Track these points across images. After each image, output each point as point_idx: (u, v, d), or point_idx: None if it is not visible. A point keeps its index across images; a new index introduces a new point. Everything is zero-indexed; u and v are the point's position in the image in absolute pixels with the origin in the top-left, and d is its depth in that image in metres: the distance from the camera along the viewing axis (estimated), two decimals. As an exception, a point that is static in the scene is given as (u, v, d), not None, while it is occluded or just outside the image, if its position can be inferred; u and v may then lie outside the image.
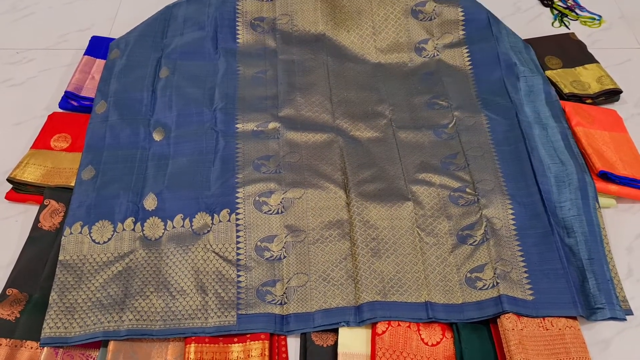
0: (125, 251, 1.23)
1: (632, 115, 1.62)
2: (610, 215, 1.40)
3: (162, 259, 1.23)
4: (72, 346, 1.11)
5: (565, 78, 1.66)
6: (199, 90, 1.54)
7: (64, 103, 1.58)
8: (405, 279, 1.20)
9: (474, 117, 1.50)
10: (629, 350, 1.17)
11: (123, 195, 1.32)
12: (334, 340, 1.15)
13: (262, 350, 1.12)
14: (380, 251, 1.24)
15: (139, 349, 1.12)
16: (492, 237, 1.25)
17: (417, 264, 1.22)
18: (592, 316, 1.18)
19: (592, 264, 1.24)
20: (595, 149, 1.43)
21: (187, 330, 1.14)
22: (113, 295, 1.17)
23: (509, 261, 1.22)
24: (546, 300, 1.17)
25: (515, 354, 1.08)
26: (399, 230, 1.27)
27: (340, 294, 1.19)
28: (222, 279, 1.20)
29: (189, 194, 1.33)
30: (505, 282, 1.18)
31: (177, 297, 1.18)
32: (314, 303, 1.18)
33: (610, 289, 1.21)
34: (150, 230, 1.27)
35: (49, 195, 1.33)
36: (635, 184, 1.38)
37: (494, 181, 1.36)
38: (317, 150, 1.42)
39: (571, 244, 1.27)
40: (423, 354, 1.12)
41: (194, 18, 1.69)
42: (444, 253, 1.25)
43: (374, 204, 1.30)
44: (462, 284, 1.20)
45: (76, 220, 1.27)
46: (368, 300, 1.16)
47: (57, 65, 1.75)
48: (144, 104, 1.50)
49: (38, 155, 1.42)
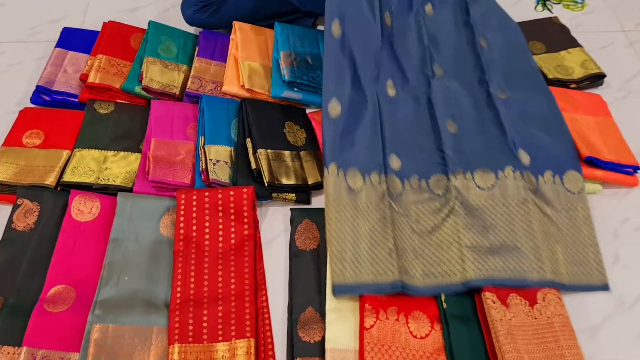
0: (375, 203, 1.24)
1: (616, 99, 1.62)
2: (596, 200, 1.39)
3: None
4: (52, 350, 1.08)
5: (549, 63, 1.65)
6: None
7: (36, 98, 1.53)
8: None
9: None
10: (617, 336, 1.17)
11: (369, 145, 1.30)
12: (321, 336, 1.13)
13: (247, 348, 1.10)
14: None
15: (121, 351, 1.09)
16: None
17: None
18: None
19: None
20: (581, 134, 1.42)
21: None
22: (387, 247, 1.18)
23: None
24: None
25: (504, 344, 1.07)
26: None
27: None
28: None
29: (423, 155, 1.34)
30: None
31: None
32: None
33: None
34: (392, 188, 1.27)
35: (22, 195, 1.29)
36: (620, 168, 1.38)
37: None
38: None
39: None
40: (412, 347, 1.11)
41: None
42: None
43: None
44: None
45: (331, 160, 1.25)
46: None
47: (28, 59, 1.69)
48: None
49: (9, 153, 1.38)
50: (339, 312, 1.15)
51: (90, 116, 1.47)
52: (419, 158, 1.34)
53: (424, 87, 1.46)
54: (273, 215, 1.36)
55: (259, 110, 1.47)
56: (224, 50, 1.64)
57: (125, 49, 1.63)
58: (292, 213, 1.33)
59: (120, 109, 1.50)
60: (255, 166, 1.35)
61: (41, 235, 1.24)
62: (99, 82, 1.50)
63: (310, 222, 1.30)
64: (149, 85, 1.51)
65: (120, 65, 1.57)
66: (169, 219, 1.28)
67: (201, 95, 1.50)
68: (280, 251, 1.30)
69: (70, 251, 1.22)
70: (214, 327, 1.13)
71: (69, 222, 1.25)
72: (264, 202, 1.38)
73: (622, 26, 1.86)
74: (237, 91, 1.53)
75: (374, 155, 1.30)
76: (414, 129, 1.38)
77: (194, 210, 1.26)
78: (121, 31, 1.67)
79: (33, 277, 1.18)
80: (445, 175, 1.31)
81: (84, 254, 1.22)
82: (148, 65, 1.55)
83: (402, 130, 1.37)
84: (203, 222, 1.25)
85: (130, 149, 1.42)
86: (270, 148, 1.39)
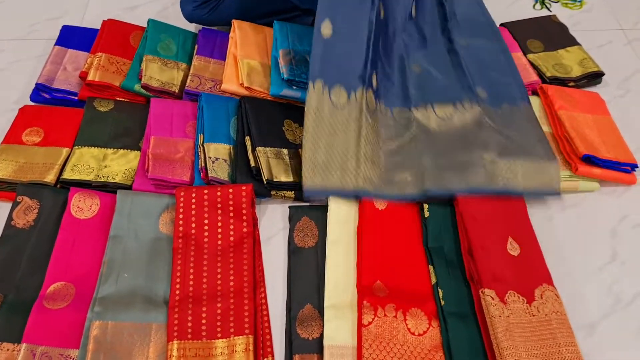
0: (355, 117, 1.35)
1: (614, 98, 1.62)
2: (594, 198, 1.40)
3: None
4: (51, 346, 1.08)
5: (547, 61, 1.65)
6: None
7: (36, 95, 1.53)
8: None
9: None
10: (615, 333, 1.18)
11: (356, 62, 1.38)
12: (319, 333, 1.14)
13: (246, 345, 1.10)
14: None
15: (120, 348, 1.10)
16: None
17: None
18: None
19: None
20: (579, 132, 1.42)
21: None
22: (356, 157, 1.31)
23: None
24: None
25: (502, 341, 1.07)
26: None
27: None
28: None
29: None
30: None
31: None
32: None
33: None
34: (370, 104, 1.39)
35: (22, 192, 1.29)
36: (618, 166, 1.38)
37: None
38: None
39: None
40: (410, 344, 1.11)
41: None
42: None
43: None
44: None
45: (316, 77, 1.35)
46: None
47: (28, 57, 1.69)
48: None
49: (9, 150, 1.38)
50: (337, 309, 1.15)
51: (89, 114, 1.47)
52: (388, 87, 1.47)
53: (402, 25, 1.58)
54: (272, 213, 1.37)
55: (258, 108, 1.47)
56: (223, 48, 1.64)
57: (125, 47, 1.63)
58: (290, 210, 1.33)
59: (120, 107, 1.51)
60: (254, 164, 1.35)
61: (41, 233, 1.24)
62: (98, 80, 1.50)
63: (308, 220, 1.31)
64: (148, 84, 1.51)
65: (120, 63, 1.58)
66: (168, 217, 1.29)
67: (200, 93, 1.50)
68: (278, 248, 1.30)
69: (70, 248, 1.22)
70: (212, 324, 1.13)
71: (69, 220, 1.26)
72: (262, 200, 1.38)
73: (621, 24, 1.86)
74: (236, 89, 1.53)
75: (360, 71, 1.39)
76: (387, 61, 1.51)
77: (193, 208, 1.26)
78: (121, 29, 1.67)
79: (33, 274, 1.18)
80: (408, 108, 1.45)
81: (83, 251, 1.22)
82: (147, 63, 1.55)
83: (382, 55, 1.49)
84: (202, 219, 1.25)
85: (130, 147, 1.42)
86: (269, 146, 1.40)
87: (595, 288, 1.25)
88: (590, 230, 1.35)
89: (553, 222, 1.36)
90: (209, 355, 1.10)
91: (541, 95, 1.56)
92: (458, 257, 1.25)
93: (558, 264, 1.25)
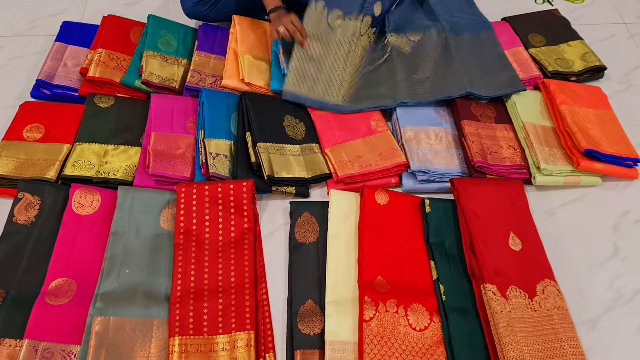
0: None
1: (616, 92, 1.62)
2: (595, 193, 1.39)
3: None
4: (53, 342, 1.08)
5: (549, 56, 1.65)
6: None
7: (36, 92, 1.53)
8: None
9: None
10: (616, 328, 1.18)
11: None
12: (320, 328, 1.14)
13: (247, 340, 1.10)
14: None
15: (122, 343, 1.10)
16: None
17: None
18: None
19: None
20: (581, 127, 1.42)
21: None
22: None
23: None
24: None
25: (504, 336, 1.07)
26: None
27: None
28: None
29: None
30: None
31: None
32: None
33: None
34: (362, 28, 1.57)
35: (23, 188, 1.29)
36: (620, 161, 1.37)
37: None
38: None
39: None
40: (411, 340, 1.11)
41: None
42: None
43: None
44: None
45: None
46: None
47: (28, 53, 1.69)
48: None
49: (10, 147, 1.38)
50: (339, 305, 1.15)
51: (90, 110, 1.47)
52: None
53: None
54: (273, 209, 1.36)
55: (258, 104, 1.47)
56: (224, 44, 1.64)
57: (125, 42, 1.62)
58: (291, 206, 1.33)
59: (121, 103, 1.50)
60: (254, 160, 1.35)
61: (42, 229, 1.24)
62: (98, 76, 1.50)
63: (309, 215, 1.31)
64: (148, 79, 1.51)
65: (120, 59, 1.57)
66: (169, 213, 1.29)
67: (201, 89, 1.50)
68: (279, 244, 1.30)
69: (71, 244, 1.22)
70: (214, 320, 1.13)
71: (70, 216, 1.26)
72: (263, 196, 1.38)
73: (623, 18, 1.85)
74: (237, 85, 1.53)
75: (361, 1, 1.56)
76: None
77: (194, 204, 1.26)
78: (121, 25, 1.66)
79: (34, 270, 1.19)
80: (384, 35, 1.63)
81: (84, 247, 1.22)
82: (147, 59, 1.55)
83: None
84: (203, 215, 1.25)
85: (131, 143, 1.42)
86: (269, 141, 1.39)
87: (597, 283, 1.24)
88: (591, 226, 1.34)
89: (555, 217, 1.36)
90: (211, 351, 1.10)
91: (543, 90, 1.55)
92: (459, 253, 1.25)
93: (560, 259, 1.25)
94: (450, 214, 1.31)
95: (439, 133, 1.48)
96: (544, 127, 1.46)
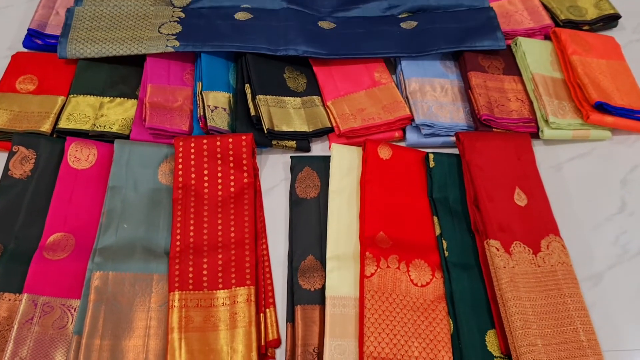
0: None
1: (630, 42, 1.56)
2: (604, 147, 1.36)
3: None
4: (53, 296, 1.08)
5: (562, 3, 1.58)
6: None
7: (28, 42, 1.48)
8: None
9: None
10: (620, 284, 1.17)
11: None
12: (321, 284, 1.13)
13: (248, 296, 1.10)
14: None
15: (122, 298, 1.09)
16: None
17: None
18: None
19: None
20: (592, 78, 1.37)
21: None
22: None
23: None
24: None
25: (507, 291, 1.06)
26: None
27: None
28: None
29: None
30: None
31: None
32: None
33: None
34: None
35: (17, 142, 1.26)
36: (632, 114, 1.33)
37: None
38: None
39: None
40: (412, 295, 1.10)
41: None
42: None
43: None
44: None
45: None
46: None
47: (19, 1, 1.63)
48: None
49: (3, 99, 1.34)
50: (340, 261, 1.14)
51: (84, 61, 1.42)
52: None
53: None
54: (273, 163, 1.34)
55: (258, 55, 1.42)
56: None
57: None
58: (292, 161, 1.30)
59: (116, 53, 1.45)
60: (254, 113, 1.32)
61: (38, 183, 1.22)
62: (92, 25, 1.45)
63: (310, 170, 1.28)
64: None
65: (114, 7, 1.51)
66: (167, 167, 1.26)
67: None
68: (280, 199, 1.28)
69: (68, 199, 1.20)
70: (214, 275, 1.13)
71: (66, 170, 1.23)
72: (263, 150, 1.35)
73: (640, -36, 1.77)
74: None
75: None
76: None
77: (192, 158, 1.23)
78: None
79: (32, 224, 1.17)
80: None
81: (82, 202, 1.21)
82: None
83: None
84: (202, 170, 1.23)
85: (127, 95, 1.38)
86: (270, 94, 1.35)
87: (602, 239, 1.23)
88: (599, 180, 1.31)
89: (562, 172, 1.33)
90: (211, 306, 1.09)
91: (554, 39, 1.49)
92: (463, 208, 1.23)
93: (566, 214, 1.23)
94: (454, 169, 1.28)
95: (445, 85, 1.43)
96: (554, 78, 1.41)
